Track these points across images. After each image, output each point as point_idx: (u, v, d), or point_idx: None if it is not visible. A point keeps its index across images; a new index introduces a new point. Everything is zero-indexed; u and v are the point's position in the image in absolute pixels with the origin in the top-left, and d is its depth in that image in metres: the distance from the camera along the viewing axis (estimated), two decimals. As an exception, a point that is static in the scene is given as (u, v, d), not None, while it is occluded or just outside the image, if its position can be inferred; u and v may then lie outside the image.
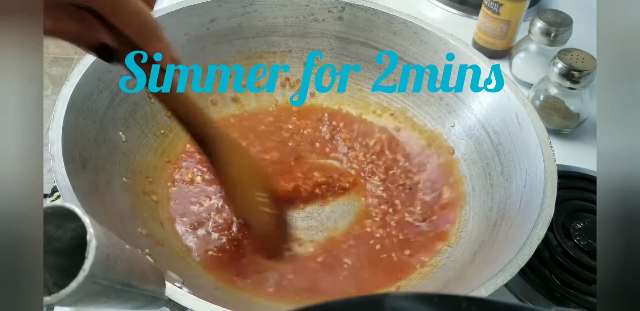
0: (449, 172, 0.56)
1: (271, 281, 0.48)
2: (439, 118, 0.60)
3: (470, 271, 0.46)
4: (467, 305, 0.22)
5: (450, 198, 0.54)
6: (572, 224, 0.54)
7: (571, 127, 0.65)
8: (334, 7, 0.61)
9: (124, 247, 0.29)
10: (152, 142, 0.56)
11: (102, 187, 0.47)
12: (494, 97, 0.54)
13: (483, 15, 0.71)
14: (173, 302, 0.36)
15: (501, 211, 0.49)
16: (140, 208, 0.50)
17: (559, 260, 0.52)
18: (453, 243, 0.52)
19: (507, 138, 0.52)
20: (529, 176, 0.48)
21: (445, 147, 0.58)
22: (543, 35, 0.66)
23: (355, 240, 0.52)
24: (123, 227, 0.46)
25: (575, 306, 0.49)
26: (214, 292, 0.46)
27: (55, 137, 0.44)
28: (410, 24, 0.59)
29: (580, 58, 0.61)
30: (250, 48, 0.62)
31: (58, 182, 0.41)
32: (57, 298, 0.25)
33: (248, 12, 0.60)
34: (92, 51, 0.37)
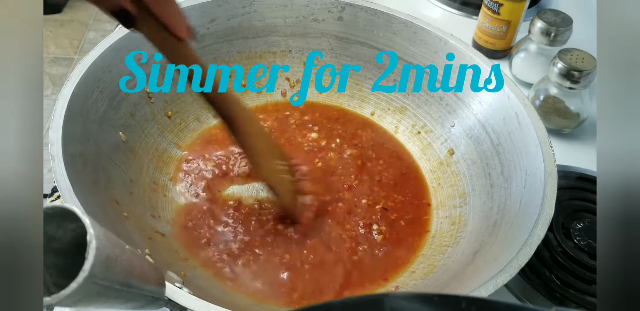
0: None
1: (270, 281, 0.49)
2: (439, 118, 0.60)
3: (470, 271, 0.46)
4: (467, 305, 0.22)
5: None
6: (572, 224, 0.54)
7: (571, 127, 0.65)
8: (334, 7, 0.61)
9: (124, 247, 0.29)
10: (152, 142, 0.56)
11: (102, 187, 0.47)
12: (494, 97, 0.54)
13: (483, 15, 0.71)
14: (173, 302, 0.36)
15: (501, 211, 0.49)
16: (140, 208, 0.50)
17: (559, 260, 0.52)
18: (453, 243, 0.52)
19: (507, 138, 0.52)
20: (529, 176, 0.48)
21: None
22: (543, 35, 0.66)
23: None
24: (123, 227, 0.46)
25: (575, 306, 0.49)
26: (214, 292, 0.46)
27: (55, 137, 0.44)
28: (410, 24, 0.59)
29: (580, 58, 0.61)
30: (250, 48, 0.62)
31: (58, 182, 0.41)
32: (57, 298, 0.25)
33: (248, 12, 0.60)
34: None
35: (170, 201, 0.54)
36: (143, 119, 0.55)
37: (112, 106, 0.52)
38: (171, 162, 0.56)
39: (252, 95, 0.63)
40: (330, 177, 0.57)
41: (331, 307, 0.22)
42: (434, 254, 0.52)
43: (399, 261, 0.52)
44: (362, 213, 0.54)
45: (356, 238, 0.52)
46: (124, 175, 0.51)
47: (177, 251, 0.50)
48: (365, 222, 0.54)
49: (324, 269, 0.50)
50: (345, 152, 0.59)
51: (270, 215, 0.53)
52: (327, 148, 0.60)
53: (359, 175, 0.57)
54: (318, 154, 0.59)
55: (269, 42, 0.62)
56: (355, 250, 0.52)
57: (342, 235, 0.52)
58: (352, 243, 0.52)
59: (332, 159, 0.59)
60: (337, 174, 0.57)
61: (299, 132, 0.61)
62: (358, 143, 0.61)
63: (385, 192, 0.57)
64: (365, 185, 0.57)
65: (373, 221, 0.54)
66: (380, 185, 0.57)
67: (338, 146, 0.60)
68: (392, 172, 0.59)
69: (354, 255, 0.51)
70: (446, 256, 0.51)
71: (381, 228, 0.54)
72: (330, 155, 0.59)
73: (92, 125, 0.49)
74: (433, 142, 0.60)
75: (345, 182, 0.57)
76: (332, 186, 0.56)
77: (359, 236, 0.53)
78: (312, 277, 0.50)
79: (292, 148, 0.59)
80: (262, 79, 0.63)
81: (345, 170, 0.58)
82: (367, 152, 0.60)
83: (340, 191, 0.56)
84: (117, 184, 0.50)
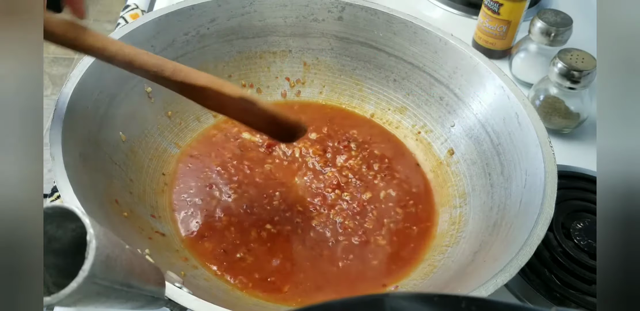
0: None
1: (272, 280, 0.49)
2: (439, 118, 0.60)
3: (470, 271, 0.46)
4: (467, 305, 0.22)
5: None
6: (572, 224, 0.54)
7: (571, 127, 0.65)
8: (334, 7, 0.61)
9: (124, 247, 0.29)
10: (152, 142, 0.56)
11: (102, 187, 0.47)
12: (494, 97, 0.54)
13: (483, 15, 0.71)
14: (173, 302, 0.36)
15: (501, 211, 0.49)
16: (140, 208, 0.50)
17: (559, 260, 0.52)
18: (453, 243, 0.52)
19: (507, 138, 0.52)
20: (529, 176, 0.48)
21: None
22: (543, 35, 0.66)
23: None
24: (123, 227, 0.46)
25: (575, 306, 0.49)
26: (214, 292, 0.46)
27: (55, 137, 0.44)
28: (410, 24, 0.59)
29: (580, 58, 0.61)
30: (250, 48, 0.62)
31: (58, 182, 0.41)
32: (57, 298, 0.25)
33: (248, 12, 0.60)
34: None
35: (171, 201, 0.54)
36: (143, 119, 0.55)
37: (112, 106, 0.52)
38: (171, 162, 0.56)
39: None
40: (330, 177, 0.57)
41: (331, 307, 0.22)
42: (434, 254, 0.52)
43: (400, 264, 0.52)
44: (363, 213, 0.54)
45: (360, 239, 0.52)
46: (124, 175, 0.51)
47: (178, 251, 0.50)
48: (366, 222, 0.54)
49: (324, 269, 0.50)
50: (344, 152, 0.59)
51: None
52: (327, 149, 0.60)
53: (359, 175, 0.57)
54: (317, 155, 0.59)
55: (269, 42, 0.62)
56: (358, 250, 0.52)
57: (342, 236, 0.52)
58: (355, 243, 0.52)
59: (331, 159, 0.59)
60: (337, 174, 0.57)
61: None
62: (358, 144, 0.61)
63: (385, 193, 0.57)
64: (365, 185, 0.57)
65: (374, 221, 0.54)
66: (380, 185, 0.57)
67: (338, 146, 0.60)
68: (392, 172, 0.59)
69: (355, 255, 0.51)
70: (446, 256, 0.51)
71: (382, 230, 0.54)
72: (329, 156, 0.59)
73: (92, 125, 0.49)
74: (433, 142, 0.60)
75: (344, 182, 0.57)
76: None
77: (362, 236, 0.53)
78: (312, 277, 0.50)
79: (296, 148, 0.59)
80: (262, 79, 0.63)
81: (345, 170, 0.58)
82: (366, 152, 0.60)
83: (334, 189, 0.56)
84: (117, 184, 0.50)
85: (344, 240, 0.52)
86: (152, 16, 0.55)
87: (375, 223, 0.54)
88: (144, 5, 0.77)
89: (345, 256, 0.51)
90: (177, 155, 0.57)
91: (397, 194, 0.57)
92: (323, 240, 0.52)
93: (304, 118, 0.62)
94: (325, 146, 0.60)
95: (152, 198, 0.53)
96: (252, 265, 0.50)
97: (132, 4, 0.77)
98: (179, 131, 0.58)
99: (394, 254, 0.52)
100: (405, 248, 0.53)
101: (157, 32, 0.55)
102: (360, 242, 0.52)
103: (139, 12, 0.76)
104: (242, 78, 0.63)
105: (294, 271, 0.50)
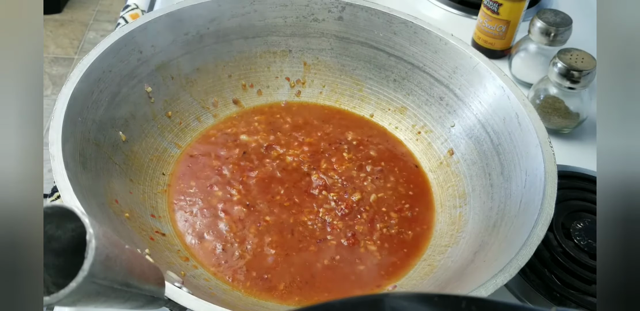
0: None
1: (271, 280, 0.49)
2: (439, 118, 0.60)
3: (470, 271, 0.46)
4: (467, 305, 0.22)
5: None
6: (572, 224, 0.54)
7: (571, 127, 0.65)
8: (334, 7, 0.61)
9: (124, 247, 0.29)
10: (152, 142, 0.56)
11: (102, 187, 0.47)
12: (494, 97, 0.54)
13: (482, 15, 0.71)
14: (173, 302, 0.36)
15: (501, 211, 0.49)
16: (140, 208, 0.50)
17: (559, 260, 0.52)
18: (453, 243, 0.52)
19: (507, 138, 0.52)
20: (529, 176, 0.48)
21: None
22: (543, 35, 0.66)
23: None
24: (123, 227, 0.46)
25: (575, 306, 0.49)
26: (214, 292, 0.46)
27: (55, 137, 0.44)
28: (410, 24, 0.59)
29: (580, 58, 0.61)
30: (250, 48, 0.62)
31: (58, 182, 0.41)
32: (56, 298, 0.25)
33: (248, 12, 0.60)
34: None
35: (171, 201, 0.54)
36: (143, 119, 0.55)
37: (112, 106, 0.52)
38: (171, 162, 0.56)
39: (253, 95, 0.63)
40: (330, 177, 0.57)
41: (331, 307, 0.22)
42: (434, 254, 0.52)
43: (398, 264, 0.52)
44: (363, 214, 0.54)
45: (359, 239, 0.52)
46: (124, 175, 0.51)
47: (178, 251, 0.50)
48: (367, 223, 0.54)
49: (325, 268, 0.50)
50: (344, 153, 0.59)
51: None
52: (326, 150, 0.60)
53: (358, 176, 0.57)
54: (317, 155, 0.59)
55: (269, 42, 0.62)
56: (359, 250, 0.52)
57: (342, 235, 0.52)
58: (355, 243, 0.52)
59: (330, 160, 0.59)
60: (337, 174, 0.57)
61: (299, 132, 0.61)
62: (357, 144, 0.61)
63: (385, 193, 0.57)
64: (365, 185, 0.57)
65: (374, 222, 0.54)
66: (380, 184, 0.57)
67: (337, 147, 0.60)
68: (392, 172, 0.59)
69: (356, 255, 0.51)
70: (446, 256, 0.51)
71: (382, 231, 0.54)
72: (328, 156, 0.59)
73: (92, 125, 0.49)
74: (433, 142, 0.60)
75: (345, 183, 0.57)
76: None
77: (361, 237, 0.53)
78: (313, 276, 0.50)
79: (292, 149, 0.59)
80: (262, 79, 0.63)
81: (345, 171, 0.58)
82: (366, 153, 0.60)
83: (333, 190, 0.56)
84: (117, 184, 0.50)
85: (332, 240, 0.52)
86: (152, 16, 0.55)
87: (375, 224, 0.54)
88: (144, 5, 0.77)
89: (349, 257, 0.51)
90: (177, 155, 0.57)
91: (395, 194, 0.57)
92: (320, 239, 0.52)
93: (304, 119, 0.63)
94: (324, 147, 0.60)
95: (152, 198, 0.53)
96: (249, 263, 0.50)
97: (132, 4, 0.77)
98: (179, 131, 0.58)
99: (390, 255, 0.52)
100: (399, 252, 0.53)
101: (157, 32, 0.55)
102: (349, 244, 0.52)
103: (139, 12, 0.76)
104: (242, 78, 0.63)
105: (288, 270, 0.50)
